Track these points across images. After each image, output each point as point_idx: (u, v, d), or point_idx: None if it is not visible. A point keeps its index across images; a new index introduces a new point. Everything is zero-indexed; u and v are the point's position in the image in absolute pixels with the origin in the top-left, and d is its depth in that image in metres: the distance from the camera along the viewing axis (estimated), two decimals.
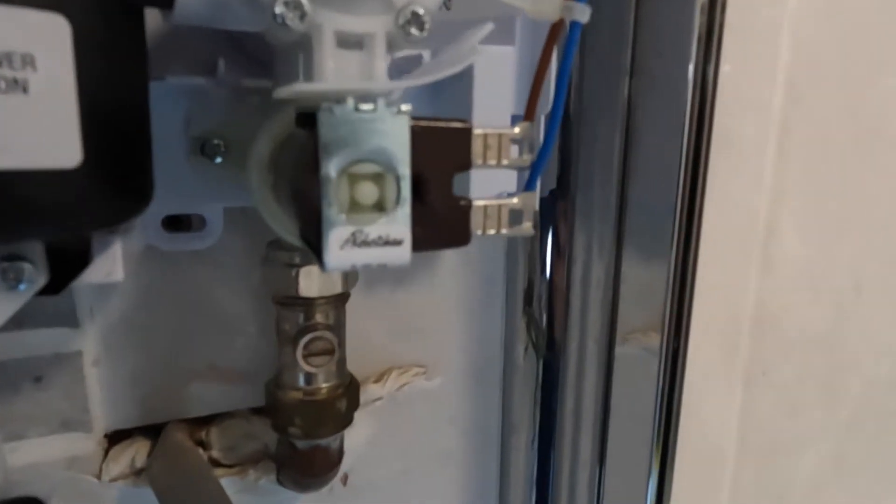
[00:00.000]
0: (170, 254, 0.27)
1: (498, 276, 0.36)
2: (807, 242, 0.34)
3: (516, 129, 0.18)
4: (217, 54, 0.21)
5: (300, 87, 0.15)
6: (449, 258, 0.34)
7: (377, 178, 0.16)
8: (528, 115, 0.18)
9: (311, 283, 0.24)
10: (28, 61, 0.14)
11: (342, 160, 0.15)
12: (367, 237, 0.16)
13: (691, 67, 0.26)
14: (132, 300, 0.27)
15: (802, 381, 0.38)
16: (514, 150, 0.18)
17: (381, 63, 0.16)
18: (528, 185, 0.19)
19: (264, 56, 0.22)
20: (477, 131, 0.17)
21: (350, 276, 0.26)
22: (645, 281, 0.31)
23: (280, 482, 0.30)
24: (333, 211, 0.15)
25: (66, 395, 0.27)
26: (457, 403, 0.37)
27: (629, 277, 0.32)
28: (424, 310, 0.34)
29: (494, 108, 0.21)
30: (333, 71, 0.16)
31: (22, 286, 0.16)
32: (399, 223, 0.16)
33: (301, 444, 0.26)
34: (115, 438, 0.29)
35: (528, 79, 0.21)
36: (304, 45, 0.16)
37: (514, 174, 0.24)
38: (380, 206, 0.16)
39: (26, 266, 0.16)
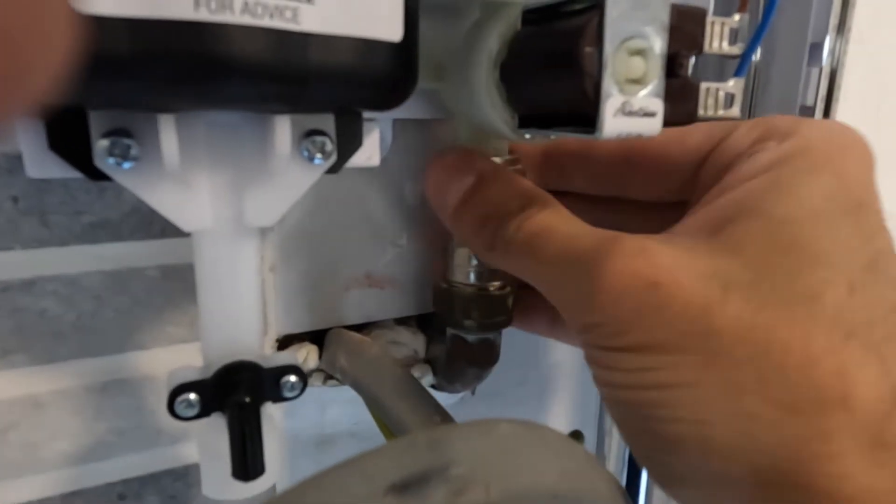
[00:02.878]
0: None
1: None
2: None
3: (736, 18, 0.20)
4: None
5: None
6: None
7: (642, 54, 0.18)
8: (743, 6, 0.20)
9: None
10: None
11: (622, 35, 0.17)
12: (632, 108, 0.18)
13: None
14: (306, 208, 0.29)
15: None
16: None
17: None
18: (737, 72, 0.21)
19: None
20: (709, 18, 0.19)
21: None
22: None
23: (435, 385, 0.32)
24: (611, 82, 0.17)
25: None
26: None
27: None
28: None
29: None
30: None
31: (317, 160, 0.18)
32: (656, 96, 0.18)
33: (472, 337, 0.29)
34: (284, 343, 0.31)
35: None
36: None
37: None
38: (641, 80, 0.18)
39: (327, 141, 0.18)
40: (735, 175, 0.20)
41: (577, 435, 0.28)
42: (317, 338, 0.32)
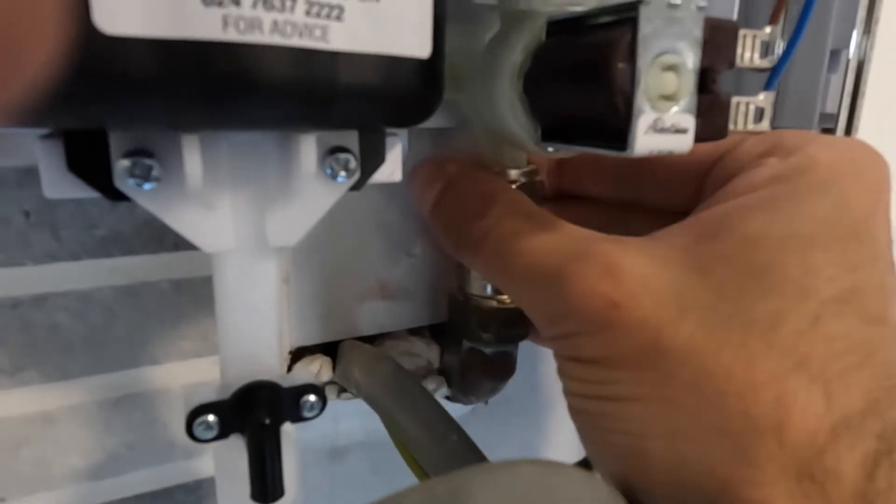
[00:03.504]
0: None
1: None
2: None
3: (767, 30, 0.19)
4: None
5: None
6: None
7: (675, 69, 0.17)
8: (774, 18, 0.20)
9: None
10: None
11: (655, 51, 0.17)
12: (663, 124, 0.17)
13: None
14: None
15: None
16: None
17: None
18: (767, 86, 0.20)
19: None
20: (741, 31, 0.19)
21: None
22: None
23: (449, 397, 0.32)
24: (644, 99, 0.17)
25: None
26: None
27: None
28: None
29: (726, 13, 0.22)
30: None
31: (341, 178, 0.18)
32: (688, 112, 0.18)
33: (490, 350, 0.28)
34: (297, 355, 0.31)
35: None
36: None
37: None
38: (673, 97, 0.17)
39: (351, 158, 0.18)
40: (730, 189, 0.20)
41: (588, 463, 0.27)
42: (329, 349, 0.31)
